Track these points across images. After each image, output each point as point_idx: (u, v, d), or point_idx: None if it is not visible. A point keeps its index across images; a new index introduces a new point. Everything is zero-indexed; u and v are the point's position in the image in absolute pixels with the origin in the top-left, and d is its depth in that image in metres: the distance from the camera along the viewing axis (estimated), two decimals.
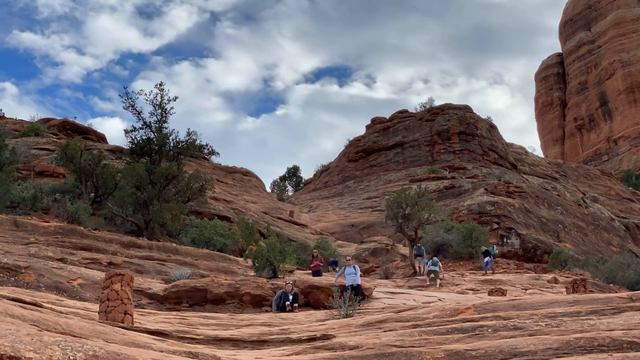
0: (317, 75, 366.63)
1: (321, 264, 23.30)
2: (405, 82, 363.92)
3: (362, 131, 75.05)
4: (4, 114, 52.84)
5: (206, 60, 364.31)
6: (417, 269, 28.53)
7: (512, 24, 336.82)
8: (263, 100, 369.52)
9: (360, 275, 19.14)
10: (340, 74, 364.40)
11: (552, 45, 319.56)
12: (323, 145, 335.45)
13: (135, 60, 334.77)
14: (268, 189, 70.55)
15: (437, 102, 72.67)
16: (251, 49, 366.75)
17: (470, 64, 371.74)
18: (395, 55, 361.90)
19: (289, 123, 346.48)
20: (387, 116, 73.73)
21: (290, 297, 15.93)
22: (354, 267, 18.11)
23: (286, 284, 16.42)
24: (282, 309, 15.73)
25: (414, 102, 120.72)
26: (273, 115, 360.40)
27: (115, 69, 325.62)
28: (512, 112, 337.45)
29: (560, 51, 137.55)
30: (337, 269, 27.61)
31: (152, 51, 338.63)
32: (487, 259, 30.04)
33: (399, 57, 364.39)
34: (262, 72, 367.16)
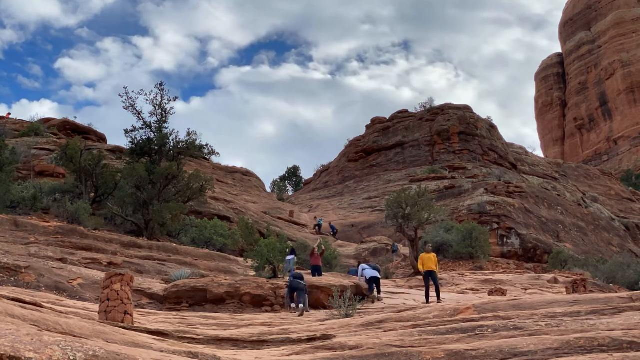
0: (251, 52, 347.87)
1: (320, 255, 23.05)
2: (342, 59, 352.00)
3: (301, 113, 74.55)
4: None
5: (135, 38, 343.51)
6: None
7: None
8: (197, 78, 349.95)
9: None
10: (277, 47, 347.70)
11: (495, 18, 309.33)
12: (264, 128, 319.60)
13: (59, 35, 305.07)
14: (268, 189, 70.60)
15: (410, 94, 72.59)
16: (181, 24, 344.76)
17: (408, 39, 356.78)
18: (332, 27, 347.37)
19: (226, 105, 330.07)
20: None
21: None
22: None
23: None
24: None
25: (351, 83, 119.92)
26: (209, 95, 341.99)
27: (38, 44, 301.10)
28: (457, 91, 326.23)
29: (560, 51, 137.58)
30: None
31: (76, 25, 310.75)
32: (289, 257, 22.46)
33: (335, 30, 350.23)
34: (194, 48, 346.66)
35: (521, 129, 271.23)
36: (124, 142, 49.57)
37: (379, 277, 19.22)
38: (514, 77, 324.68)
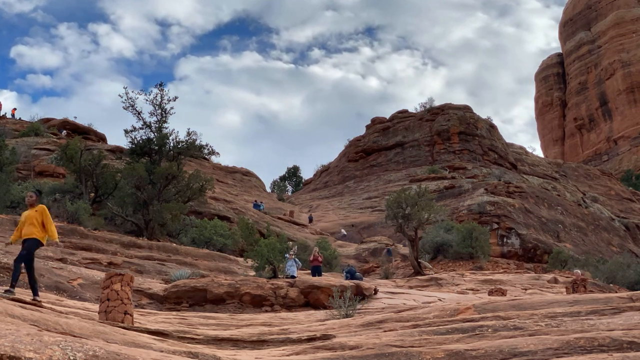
0: (213, 38, 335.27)
1: (320, 261, 23.14)
2: (304, 46, 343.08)
3: (266, 103, 73.52)
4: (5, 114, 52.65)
5: (92, 24, 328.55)
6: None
7: None
8: (159, 65, 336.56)
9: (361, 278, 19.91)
10: (239, 32, 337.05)
11: (459, 3, 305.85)
12: (229, 118, 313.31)
13: (13, 20, 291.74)
14: (268, 189, 70.61)
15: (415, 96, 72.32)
16: (140, 8, 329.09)
17: (371, 25, 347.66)
18: (294, 13, 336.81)
19: (188, 95, 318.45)
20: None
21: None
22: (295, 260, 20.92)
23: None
24: None
25: (315, 72, 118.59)
26: (169, 87, 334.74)
27: None
28: (425, 80, 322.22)
29: (560, 51, 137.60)
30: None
31: (30, 10, 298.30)
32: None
33: (297, 16, 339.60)
34: (154, 32, 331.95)
35: (491, 118, 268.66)
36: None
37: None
38: (482, 65, 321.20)
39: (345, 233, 46.26)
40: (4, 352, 4.16)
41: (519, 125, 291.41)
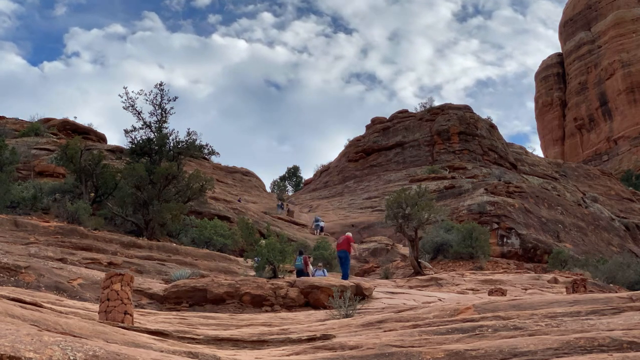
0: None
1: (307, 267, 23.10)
2: (202, 11, 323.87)
3: (170, 77, 70.28)
4: None
5: None
6: None
7: None
8: (47, 32, 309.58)
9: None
10: None
11: None
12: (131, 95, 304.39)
13: None
14: (268, 189, 70.66)
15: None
16: None
17: None
18: None
19: (82, 69, 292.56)
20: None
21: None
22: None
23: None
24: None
25: (219, 42, 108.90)
26: (60, 61, 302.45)
27: None
28: (337, 48, 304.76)
29: (560, 51, 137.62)
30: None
31: None
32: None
33: None
34: None
35: (408, 88, 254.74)
36: None
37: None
38: (395, 32, 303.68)
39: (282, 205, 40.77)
40: (4, 352, 4.16)
41: (444, 96, 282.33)
